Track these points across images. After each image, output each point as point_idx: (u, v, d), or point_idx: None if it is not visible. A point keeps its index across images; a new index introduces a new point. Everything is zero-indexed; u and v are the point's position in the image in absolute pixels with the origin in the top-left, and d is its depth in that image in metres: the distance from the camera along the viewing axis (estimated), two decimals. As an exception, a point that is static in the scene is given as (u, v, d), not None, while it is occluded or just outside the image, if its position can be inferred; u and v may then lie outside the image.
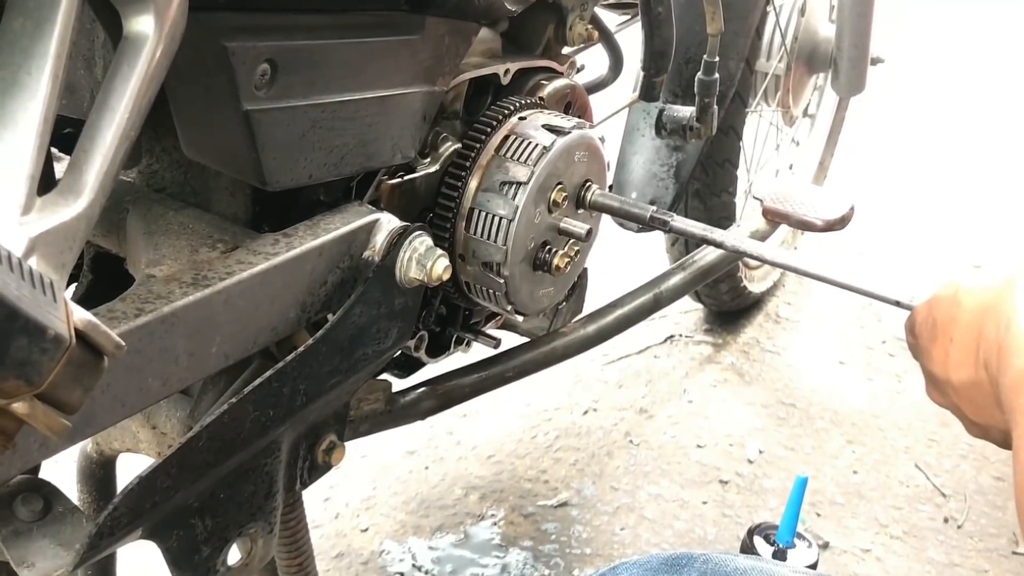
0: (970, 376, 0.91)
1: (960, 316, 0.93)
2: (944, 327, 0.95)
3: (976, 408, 0.93)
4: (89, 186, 0.64)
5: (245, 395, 0.87)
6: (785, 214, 1.32)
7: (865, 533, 1.91)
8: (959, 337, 0.92)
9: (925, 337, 0.99)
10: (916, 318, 1.03)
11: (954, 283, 0.97)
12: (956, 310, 0.94)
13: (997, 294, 0.89)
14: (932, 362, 0.97)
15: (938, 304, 0.98)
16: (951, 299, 0.95)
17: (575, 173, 1.20)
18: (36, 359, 0.51)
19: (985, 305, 0.90)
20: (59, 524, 0.82)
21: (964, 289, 0.95)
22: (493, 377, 1.38)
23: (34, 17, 0.60)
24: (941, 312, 0.96)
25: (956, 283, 0.97)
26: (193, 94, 0.85)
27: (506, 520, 1.90)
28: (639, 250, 2.44)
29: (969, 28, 4.97)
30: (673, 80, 1.80)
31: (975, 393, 0.91)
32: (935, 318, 0.97)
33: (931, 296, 1.01)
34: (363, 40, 0.94)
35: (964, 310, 0.93)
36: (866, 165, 3.37)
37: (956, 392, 0.94)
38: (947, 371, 0.94)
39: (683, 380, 2.35)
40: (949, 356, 0.94)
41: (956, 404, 0.96)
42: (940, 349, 0.95)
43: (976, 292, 0.93)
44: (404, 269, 0.98)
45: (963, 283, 0.96)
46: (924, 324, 1.00)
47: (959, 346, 0.92)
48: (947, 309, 0.95)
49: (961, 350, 0.92)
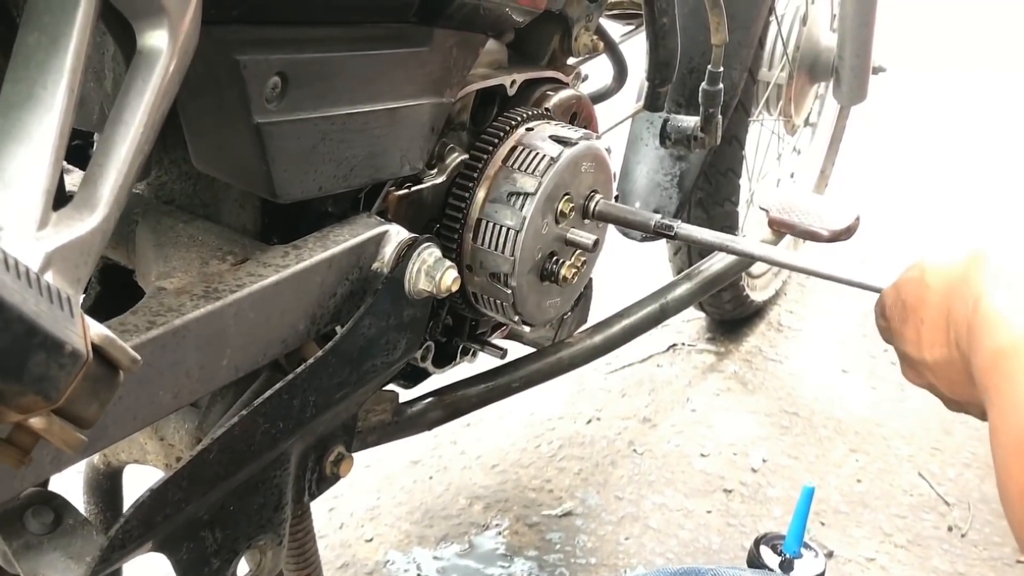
0: (944, 355, 0.92)
1: (928, 297, 0.94)
2: (914, 308, 0.96)
3: (952, 385, 0.94)
4: (104, 200, 0.64)
5: (255, 407, 0.87)
6: (791, 224, 1.32)
7: (870, 542, 1.91)
8: (929, 317, 0.93)
9: (896, 319, 1.00)
10: (885, 301, 1.04)
11: (919, 263, 0.98)
12: (924, 291, 0.95)
13: (962, 272, 0.90)
14: (905, 343, 0.98)
15: (905, 285, 0.99)
16: (918, 280, 0.96)
17: (582, 184, 1.20)
18: (54, 375, 0.51)
19: (951, 284, 0.91)
20: (69, 537, 0.82)
21: (929, 268, 0.95)
22: (499, 387, 1.38)
23: (49, 32, 0.61)
24: (909, 293, 0.97)
25: (921, 263, 0.98)
26: (204, 107, 0.85)
27: (511, 530, 1.90)
28: (641, 261, 2.45)
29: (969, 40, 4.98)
30: (677, 90, 1.80)
31: (950, 371, 0.92)
32: (904, 300, 0.98)
33: (898, 278, 1.02)
34: (373, 52, 0.94)
35: (931, 290, 0.94)
36: (867, 173, 3.37)
37: (931, 371, 0.95)
38: (920, 351, 0.95)
39: (686, 389, 2.35)
40: (921, 336, 0.94)
41: (932, 383, 0.97)
42: (912, 330, 0.96)
43: (941, 271, 0.94)
44: (413, 281, 0.98)
45: (927, 263, 0.97)
46: (894, 307, 1.01)
47: (930, 326, 0.93)
48: (915, 290, 0.96)
49: (932, 330, 0.93)
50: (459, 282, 1.01)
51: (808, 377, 2.41)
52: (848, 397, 2.34)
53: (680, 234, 1.24)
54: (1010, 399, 0.75)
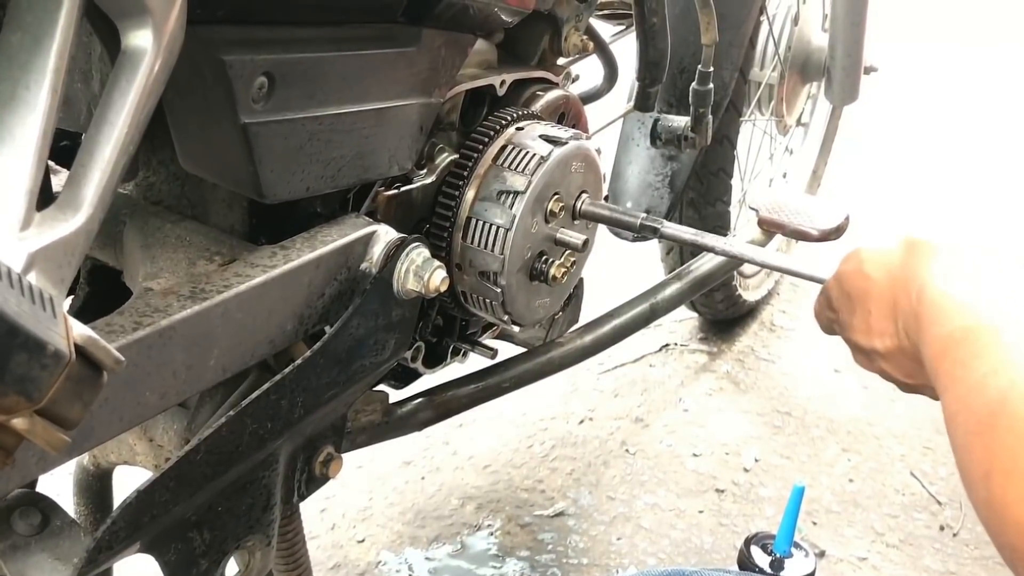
0: (895, 344, 0.95)
1: (871, 288, 0.96)
2: (859, 299, 0.98)
3: (905, 371, 0.97)
4: (88, 201, 0.64)
5: (243, 408, 0.87)
6: (781, 224, 1.32)
7: (861, 541, 1.91)
8: (876, 308, 0.96)
9: (844, 311, 1.02)
10: (830, 293, 1.06)
11: (855, 255, 1.00)
12: (865, 281, 0.97)
13: (902, 262, 0.92)
14: (855, 333, 1.00)
15: (846, 278, 1.01)
16: (857, 272, 0.99)
17: (572, 184, 1.20)
18: (36, 375, 0.51)
19: (892, 274, 0.94)
20: (57, 538, 0.82)
21: (866, 259, 0.98)
22: (490, 387, 1.38)
23: (33, 32, 0.60)
24: (851, 285, 0.99)
25: (858, 254, 1.00)
26: (191, 107, 0.85)
27: (503, 530, 1.90)
28: (635, 260, 2.44)
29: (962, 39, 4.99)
30: (668, 90, 1.80)
31: (902, 358, 0.95)
32: (848, 292, 1.00)
33: (837, 270, 1.04)
34: (360, 52, 0.94)
35: (873, 281, 0.96)
36: (860, 173, 3.37)
37: (884, 359, 0.98)
38: (871, 340, 0.97)
39: (679, 389, 2.36)
40: (871, 327, 0.97)
41: (884, 369, 0.99)
42: (861, 320, 0.98)
43: (879, 261, 0.96)
44: (401, 281, 0.98)
45: (864, 254, 0.99)
46: (840, 299, 1.03)
47: (878, 317, 0.96)
48: (856, 282, 0.99)
49: (881, 320, 0.95)
50: (448, 282, 1.00)
51: (801, 377, 2.41)
52: (840, 397, 2.34)
53: (665, 233, 1.25)
54: (964, 384, 0.77)
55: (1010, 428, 0.70)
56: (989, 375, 0.75)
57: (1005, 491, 0.68)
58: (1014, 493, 0.67)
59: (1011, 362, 0.74)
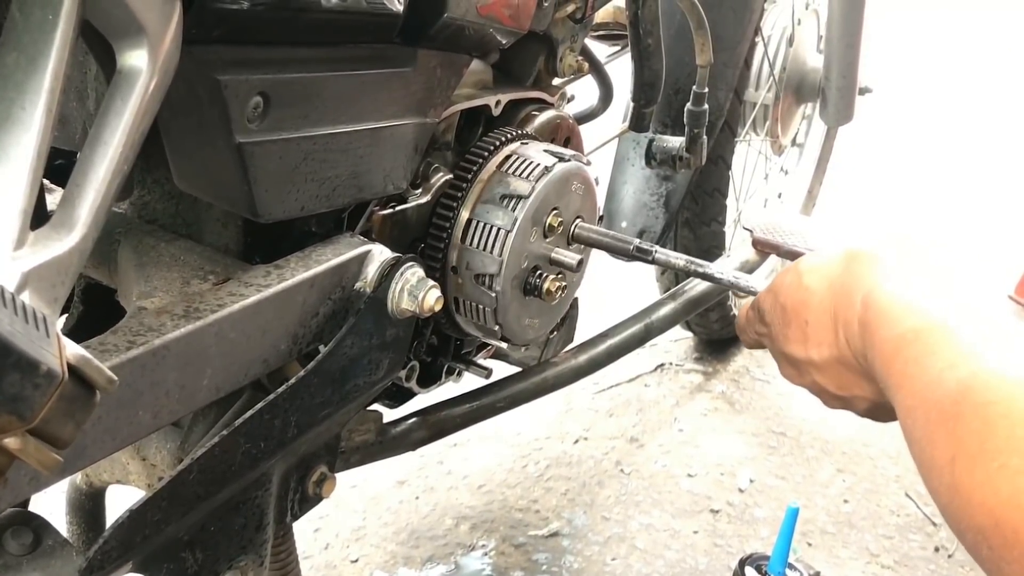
0: (832, 354, 0.95)
1: (810, 299, 0.96)
2: (796, 311, 0.98)
3: (839, 382, 0.97)
4: (82, 220, 0.64)
5: (236, 427, 0.87)
6: (775, 245, 1.32)
7: (856, 563, 1.91)
8: (814, 319, 0.96)
9: (777, 323, 1.02)
10: (763, 306, 1.06)
11: (795, 268, 1.00)
12: (804, 293, 0.97)
13: (843, 272, 0.93)
14: (789, 344, 1.00)
15: (782, 289, 1.01)
16: (795, 284, 0.99)
17: (571, 203, 1.20)
18: (28, 394, 0.51)
19: (833, 284, 0.94)
20: (49, 558, 0.81)
21: (806, 270, 0.98)
22: (484, 407, 1.38)
23: (28, 52, 0.61)
24: (789, 297, 0.99)
25: (797, 267, 1.00)
26: (185, 126, 0.85)
27: (497, 550, 1.89)
28: (629, 280, 2.45)
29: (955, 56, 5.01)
30: (663, 111, 1.81)
31: (839, 369, 0.95)
32: (783, 304, 1.00)
33: (773, 282, 1.04)
34: (355, 73, 0.94)
35: (813, 292, 0.96)
36: (855, 194, 3.38)
37: (818, 370, 0.97)
38: (807, 351, 0.97)
39: (674, 409, 2.35)
40: (808, 338, 0.97)
41: (816, 381, 0.99)
42: (797, 331, 0.98)
43: (819, 271, 0.97)
44: (396, 300, 0.98)
45: (803, 266, 0.99)
46: (773, 311, 1.03)
47: (816, 327, 0.96)
48: (795, 294, 0.99)
49: (819, 330, 0.95)
50: (442, 302, 1.01)
51: (795, 397, 2.41)
52: (835, 417, 2.33)
53: (658, 259, 1.24)
54: (920, 380, 0.79)
55: (974, 414, 0.72)
56: (947, 369, 0.76)
57: (972, 473, 0.69)
58: (981, 474, 0.69)
59: (968, 354, 0.76)
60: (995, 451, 0.69)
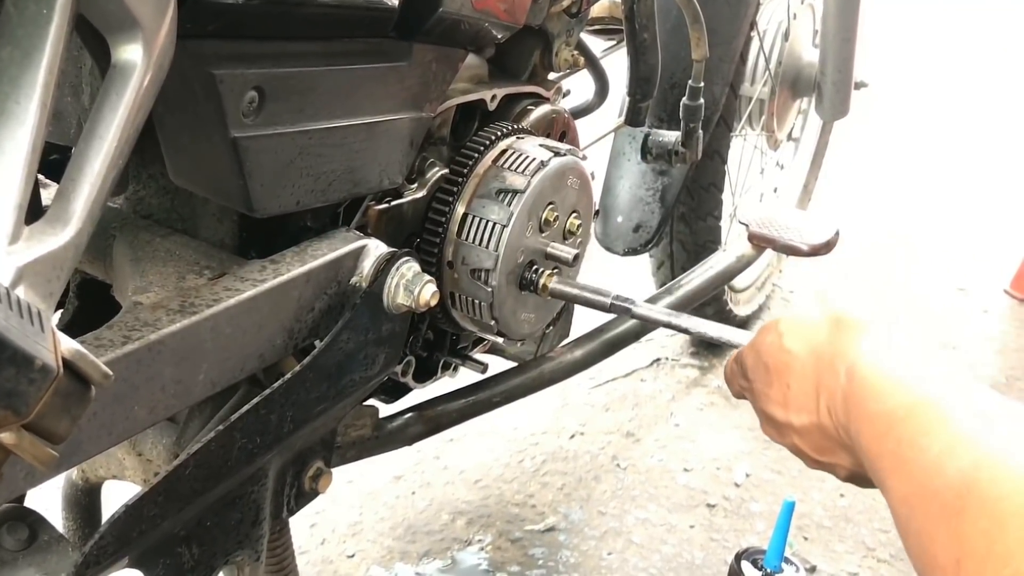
0: (812, 421, 0.90)
1: (792, 363, 0.92)
2: (778, 373, 0.94)
3: (819, 449, 0.92)
4: (77, 215, 0.64)
5: (232, 423, 0.87)
6: (771, 239, 1.32)
7: (852, 557, 1.91)
8: (796, 384, 0.92)
9: (760, 381, 0.98)
10: (746, 362, 1.02)
11: (775, 326, 0.97)
12: (786, 356, 0.93)
13: (827, 338, 0.89)
14: (770, 404, 0.96)
15: (765, 348, 0.97)
16: (777, 345, 0.95)
17: (567, 198, 1.20)
18: (23, 389, 0.51)
19: (816, 350, 0.90)
20: (44, 553, 0.81)
21: (788, 333, 0.94)
22: (481, 402, 1.38)
23: (22, 46, 0.60)
24: (771, 357, 0.96)
25: (777, 326, 0.96)
26: (181, 121, 0.85)
27: (493, 545, 1.89)
28: (625, 274, 2.45)
29: (952, 53, 5.02)
30: (659, 105, 1.81)
31: (818, 436, 0.91)
32: (766, 363, 0.96)
33: (755, 338, 1.00)
34: (350, 67, 0.94)
35: (795, 356, 0.92)
36: (851, 188, 3.38)
37: (798, 434, 0.93)
38: (787, 415, 0.93)
39: (670, 403, 2.35)
40: (789, 401, 0.93)
41: (796, 444, 0.95)
42: (778, 393, 0.94)
43: (801, 335, 0.93)
44: (392, 295, 0.98)
45: (784, 327, 0.95)
46: (756, 368, 0.99)
47: (798, 393, 0.92)
48: (776, 355, 0.95)
49: (800, 396, 0.91)
50: (438, 296, 1.01)
51: (791, 391, 2.41)
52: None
53: (637, 314, 1.22)
54: (916, 464, 0.73)
55: (981, 511, 0.66)
56: (944, 454, 0.71)
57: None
58: None
59: (966, 439, 0.71)
60: (1006, 554, 0.63)
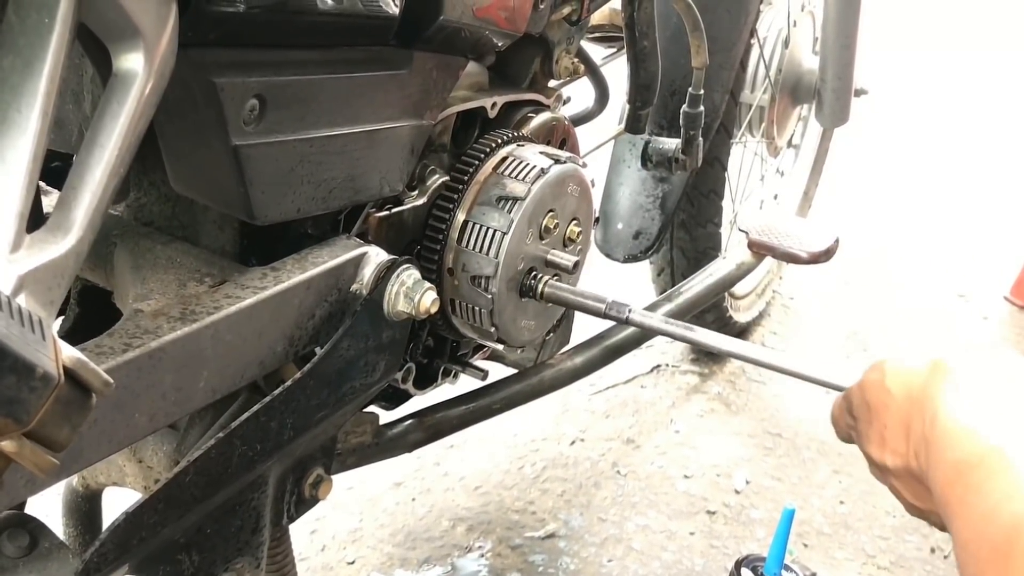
0: (904, 464, 0.90)
1: (890, 403, 0.92)
2: (877, 412, 0.94)
3: (913, 493, 0.92)
4: (78, 223, 0.64)
5: (232, 430, 0.87)
6: (771, 246, 1.32)
7: (852, 564, 1.91)
8: (891, 425, 0.92)
9: (863, 420, 0.98)
10: (852, 400, 1.02)
11: (881, 365, 0.96)
12: (886, 396, 0.93)
13: (923, 384, 0.88)
14: (870, 445, 0.96)
15: (869, 387, 0.97)
16: (879, 384, 0.94)
17: (567, 205, 1.20)
18: (24, 397, 0.51)
19: (912, 394, 0.90)
20: (45, 560, 0.81)
21: (889, 372, 0.94)
22: (481, 409, 1.38)
23: (24, 55, 0.61)
24: (872, 396, 0.95)
25: (882, 366, 0.96)
26: (182, 129, 0.85)
27: (494, 552, 1.89)
28: (625, 281, 2.45)
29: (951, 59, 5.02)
30: (659, 112, 1.81)
31: (911, 480, 0.91)
32: (868, 401, 0.96)
33: (862, 378, 1.00)
34: (351, 75, 0.94)
35: (893, 397, 0.92)
36: (851, 195, 3.38)
37: (894, 476, 0.93)
38: (883, 456, 0.93)
39: (670, 410, 2.35)
40: (885, 442, 0.93)
41: (894, 486, 0.95)
42: (876, 434, 0.95)
43: (901, 377, 0.92)
44: (392, 302, 0.98)
45: (888, 367, 0.95)
46: (860, 407, 0.99)
47: (892, 434, 0.92)
48: (877, 394, 0.94)
49: (894, 438, 0.91)
50: (438, 303, 1.01)
51: (791, 398, 2.41)
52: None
53: (632, 320, 1.22)
54: (978, 509, 0.74)
55: None
56: (1003, 501, 0.71)
57: None
58: None
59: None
60: None
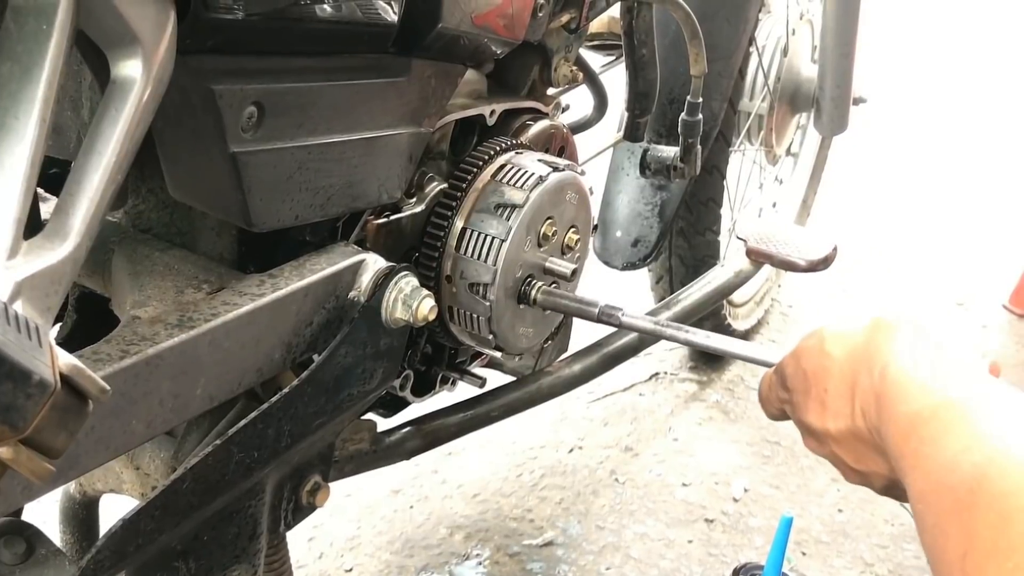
0: (848, 426, 0.90)
1: (831, 366, 0.92)
2: (816, 378, 0.94)
3: (856, 456, 0.92)
4: (75, 230, 0.64)
5: (229, 437, 0.87)
6: (769, 254, 1.33)
7: (851, 572, 1.91)
8: (833, 387, 0.91)
9: (798, 391, 0.98)
10: (786, 371, 1.01)
11: (819, 332, 0.96)
12: (826, 359, 0.93)
13: (865, 341, 0.89)
14: (807, 413, 0.95)
15: (805, 354, 0.97)
16: (818, 349, 0.94)
17: (565, 212, 1.20)
18: (20, 404, 0.51)
19: (855, 353, 0.89)
20: (42, 567, 0.81)
21: (828, 337, 0.94)
22: (479, 416, 1.38)
23: (22, 62, 0.61)
24: (810, 363, 0.95)
25: (821, 332, 0.96)
26: (180, 136, 0.85)
27: (491, 560, 1.89)
28: (624, 289, 2.45)
29: (950, 67, 5.03)
30: (657, 120, 1.81)
31: (854, 442, 0.91)
32: (804, 369, 0.96)
33: (796, 346, 1.00)
34: (350, 82, 0.94)
35: (833, 359, 0.92)
36: (850, 203, 3.39)
37: (835, 442, 0.93)
38: (824, 422, 0.92)
39: (668, 418, 2.35)
40: (826, 407, 0.92)
41: (835, 453, 0.94)
42: (815, 400, 0.94)
43: (842, 339, 0.92)
44: (390, 309, 0.98)
45: (827, 331, 0.95)
46: (795, 376, 0.98)
47: (834, 396, 0.91)
48: (816, 359, 0.94)
49: (837, 400, 0.91)
50: (436, 311, 1.01)
51: (790, 406, 2.41)
52: (830, 426, 2.33)
53: (625, 323, 1.22)
54: (934, 461, 0.73)
55: (990, 505, 0.66)
56: (962, 452, 0.71)
57: (984, 571, 0.65)
58: (994, 573, 0.64)
59: (984, 436, 0.71)
60: (1009, 549, 0.63)
